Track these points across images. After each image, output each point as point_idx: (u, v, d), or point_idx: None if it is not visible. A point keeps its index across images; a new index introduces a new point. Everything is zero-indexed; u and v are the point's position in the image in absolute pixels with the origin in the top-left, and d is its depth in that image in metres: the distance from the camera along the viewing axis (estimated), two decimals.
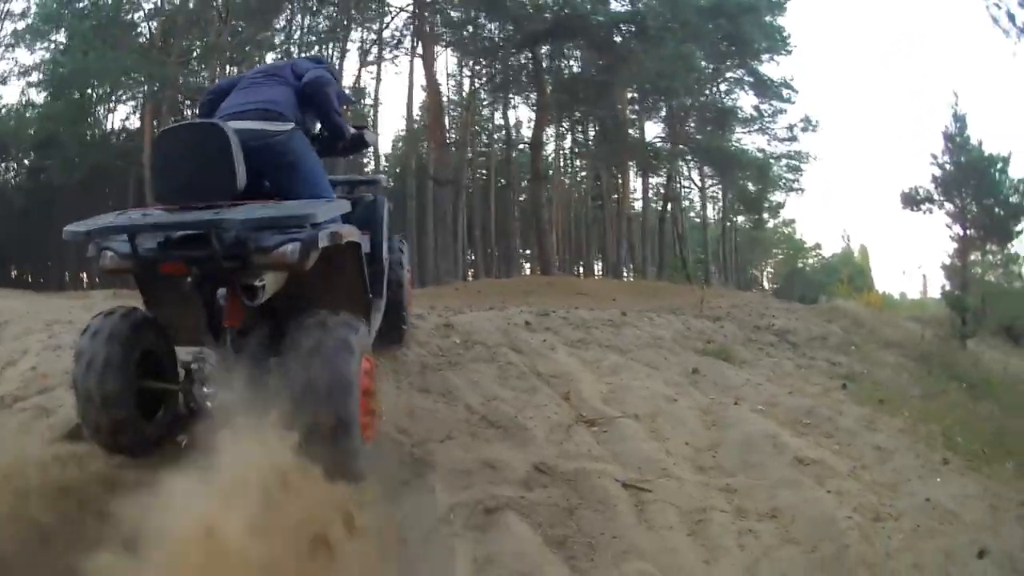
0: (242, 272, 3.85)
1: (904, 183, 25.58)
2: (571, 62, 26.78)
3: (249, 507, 3.01)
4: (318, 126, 5.17)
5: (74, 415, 4.29)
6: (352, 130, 5.36)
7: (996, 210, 21.99)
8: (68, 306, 8.31)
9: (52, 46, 24.89)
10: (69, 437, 4.46)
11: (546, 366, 6.49)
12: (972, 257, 22.44)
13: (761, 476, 4.64)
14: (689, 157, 29.01)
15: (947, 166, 22.86)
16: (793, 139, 28.58)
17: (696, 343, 7.92)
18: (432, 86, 25.33)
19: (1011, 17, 15.52)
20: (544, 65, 25.58)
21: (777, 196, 30.87)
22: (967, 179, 22.37)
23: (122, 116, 26.73)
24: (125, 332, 4.26)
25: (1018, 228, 21.81)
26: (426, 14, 24.88)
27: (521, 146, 30.30)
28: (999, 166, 22.20)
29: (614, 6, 24.56)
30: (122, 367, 4.17)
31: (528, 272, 29.14)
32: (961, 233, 22.56)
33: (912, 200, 23.46)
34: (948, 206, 22.81)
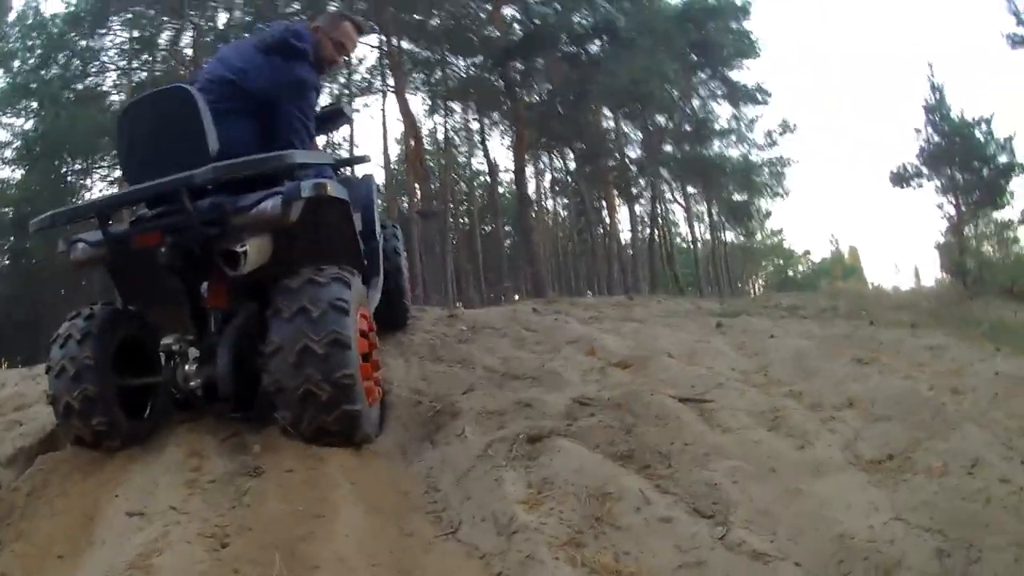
0: (222, 239, 3.52)
1: (891, 167, 25.78)
2: (544, 84, 27.16)
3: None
4: None
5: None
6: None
7: (984, 173, 22.11)
8: None
9: (24, 118, 25.19)
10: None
11: (564, 335, 6.13)
12: (966, 231, 22.49)
13: (824, 379, 4.35)
14: (671, 173, 29.36)
15: (932, 137, 23.06)
16: (773, 144, 29.19)
17: (709, 316, 7.59)
18: (408, 118, 25.45)
19: None
20: (517, 86, 25.84)
21: (764, 203, 31.43)
22: (952, 146, 22.47)
23: (99, 183, 27.02)
24: (95, 331, 3.80)
25: (1009, 188, 21.96)
26: (396, 44, 25.13)
27: (502, 187, 30.66)
28: (983, 128, 22.44)
29: (578, 20, 25.06)
30: (97, 368, 3.72)
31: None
32: (954, 204, 22.61)
33: (901, 178, 23.72)
34: (936, 181, 23.02)
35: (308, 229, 3.87)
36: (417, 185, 26.02)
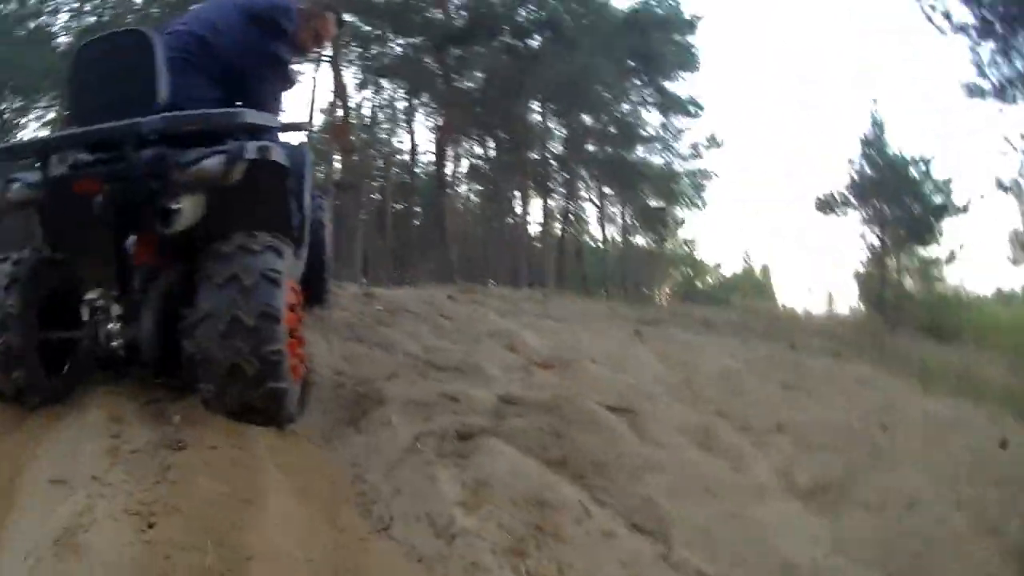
0: (159, 193, 3.32)
1: (818, 193, 26.78)
2: (478, 71, 27.10)
3: None
4: None
5: None
6: None
7: (914, 209, 22.90)
8: None
9: None
10: None
11: (483, 326, 6.09)
12: (889, 263, 23.32)
13: (752, 400, 4.36)
14: (589, 172, 29.63)
15: (865, 169, 23.94)
16: (697, 156, 29.67)
17: (626, 322, 7.56)
18: (340, 89, 25.00)
19: (947, 16, 16.22)
20: (452, 71, 25.79)
21: (680, 212, 31.99)
22: (885, 181, 23.26)
23: (34, 123, 25.87)
24: (23, 278, 3.58)
25: (940, 226, 22.79)
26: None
27: (418, 169, 30.47)
28: (920, 167, 23.36)
29: (524, 14, 24.99)
30: (22, 319, 3.53)
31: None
32: (878, 236, 23.41)
33: (827, 205, 24.74)
34: (863, 212, 23.88)
35: (245, 192, 3.60)
36: (340, 156, 25.80)
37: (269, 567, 2.27)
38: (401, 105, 30.38)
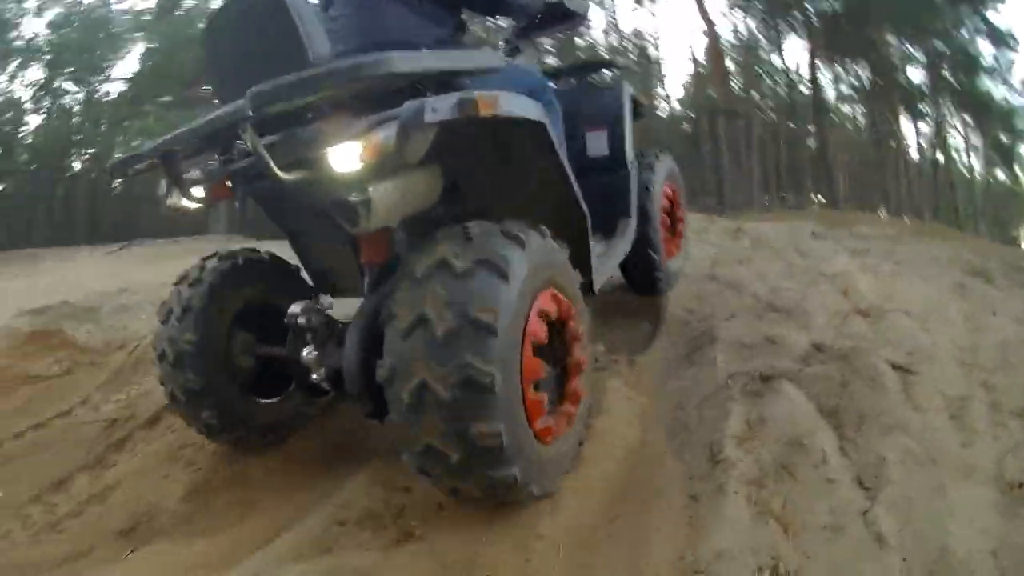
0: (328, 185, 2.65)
1: None
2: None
3: None
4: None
5: None
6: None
7: None
8: None
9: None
10: None
11: (828, 267, 6.51)
12: None
13: (1017, 376, 4.43)
14: (951, 101, 27.67)
15: None
16: None
17: (962, 266, 7.68)
18: (705, 15, 25.13)
19: None
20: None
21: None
22: None
23: None
24: (199, 304, 3.41)
25: None
26: None
27: (804, 89, 29.78)
28: None
29: None
30: (202, 353, 3.37)
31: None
32: None
33: None
34: None
35: (476, 163, 3.11)
36: (715, 84, 25.53)
37: (593, 444, 3.36)
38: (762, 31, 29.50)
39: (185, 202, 2.94)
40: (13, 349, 6.71)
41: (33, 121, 41.49)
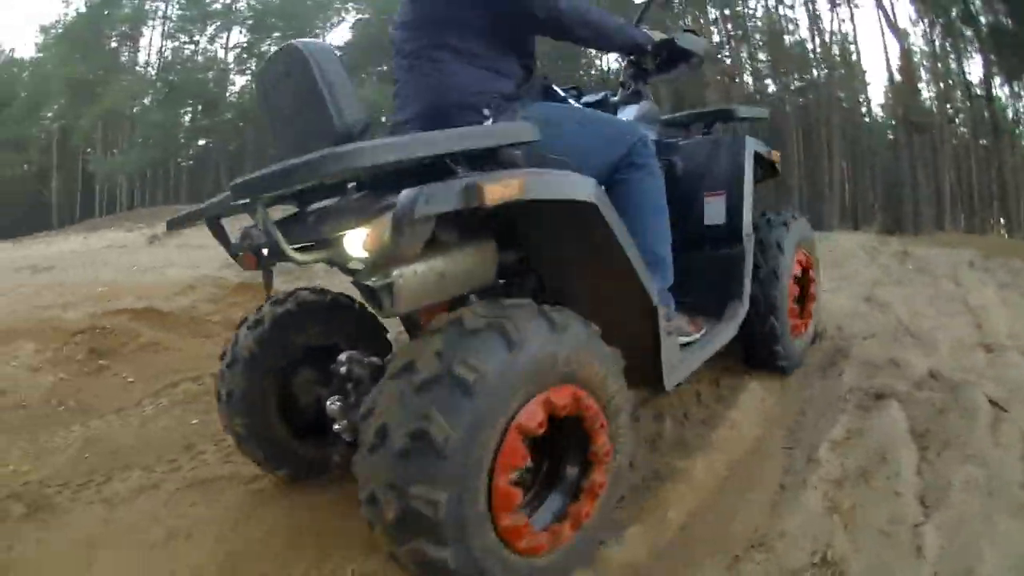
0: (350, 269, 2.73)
1: None
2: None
3: None
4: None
5: None
6: (649, 35, 3.59)
7: None
8: None
9: None
10: None
11: (973, 298, 6.80)
12: None
13: None
14: None
15: None
16: None
17: None
18: (894, 28, 24.03)
19: None
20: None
21: None
22: None
23: None
24: (248, 356, 3.41)
25: None
26: None
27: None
28: None
29: None
30: (250, 401, 3.41)
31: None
32: None
33: None
34: None
35: (542, 240, 2.94)
36: (903, 95, 24.06)
37: (721, 430, 3.88)
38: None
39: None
40: (220, 298, 7.29)
41: (239, 81, 45.52)
